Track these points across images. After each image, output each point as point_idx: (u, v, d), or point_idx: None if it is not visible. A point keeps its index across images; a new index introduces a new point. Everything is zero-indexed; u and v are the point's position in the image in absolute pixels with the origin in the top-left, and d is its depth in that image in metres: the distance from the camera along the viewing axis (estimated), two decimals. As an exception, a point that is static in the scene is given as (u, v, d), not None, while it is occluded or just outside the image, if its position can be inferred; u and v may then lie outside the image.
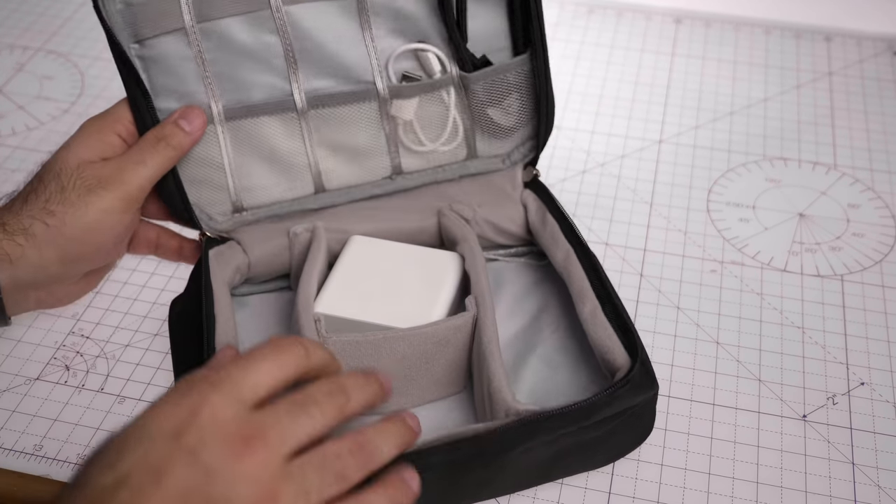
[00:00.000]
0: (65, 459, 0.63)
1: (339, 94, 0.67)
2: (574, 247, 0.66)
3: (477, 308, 0.63)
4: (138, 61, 0.63)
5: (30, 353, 0.70)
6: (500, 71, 0.68)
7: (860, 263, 0.78)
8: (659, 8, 1.07)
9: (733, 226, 0.81)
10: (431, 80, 0.68)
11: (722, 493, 0.62)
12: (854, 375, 0.70)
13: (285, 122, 0.67)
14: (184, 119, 0.63)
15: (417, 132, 0.69)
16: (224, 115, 0.66)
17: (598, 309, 0.62)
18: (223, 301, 0.63)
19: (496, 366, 0.59)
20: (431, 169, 0.71)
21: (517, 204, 0.70)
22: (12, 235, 0.59)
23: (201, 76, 0.65)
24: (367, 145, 0.69)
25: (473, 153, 0.71)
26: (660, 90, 0.96)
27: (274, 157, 0.68)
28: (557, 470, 0.61)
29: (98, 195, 0.60)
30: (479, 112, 0.69)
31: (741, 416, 0.67)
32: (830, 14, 1.06)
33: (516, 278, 0.70)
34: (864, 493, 0.62)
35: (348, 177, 0.70)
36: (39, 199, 0.60)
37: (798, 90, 0.96)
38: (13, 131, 0.90)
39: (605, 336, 0.61)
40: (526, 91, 0.69)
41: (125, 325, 0.72)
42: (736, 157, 0.88)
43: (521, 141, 0.71)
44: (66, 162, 0.61)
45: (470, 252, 0.66)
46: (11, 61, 0.98)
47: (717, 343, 0.72)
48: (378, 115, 0.68)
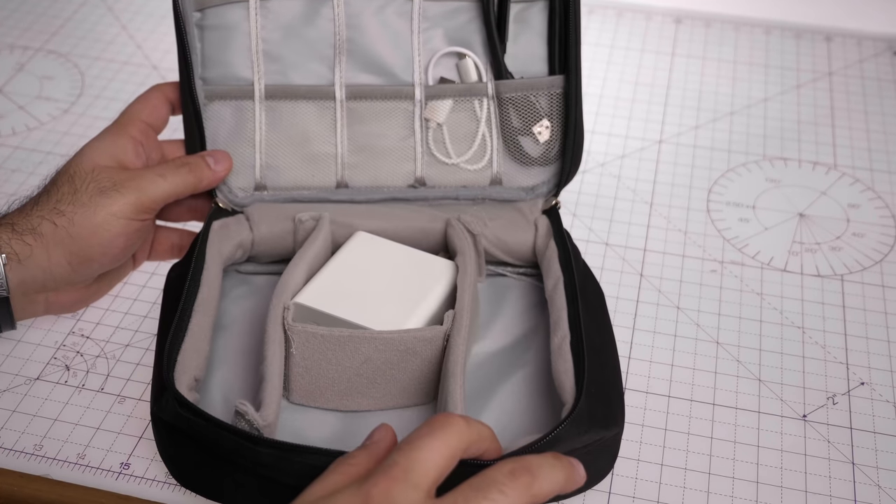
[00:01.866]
0: (65, 459, 0.63)
1: (378, 89, 0.69)
2: (565, 275, 0.64)
3: (451, 324, 0.61)
4: (196, 30, 0.67)
5: (30, 353, 0.70)
6: (533, 87, 0.68)
7: (860, 263, 0.78)
8: (659, 8, 1.07)
9: (733, 226, 0.82)
10: (467, 84, 0.69)
11: (722, 493, 0.62)
12: (854, 375, 0.70)
13: (322, 109, 0.69)
14: (212, 157, 0.66)
15: (446, 141, 0.70)
16: (264, 94, 0.68)
17: (565, 341, 0.60)
18: (212, 270, 0.63)
19: (455, 388, 0.57)
20: (454, 187, 0.70)
21: (530, 225, 0.68)
22: (21, 235, 0.59)
23: (251, 51, 0.68)
24: (396, 146, 0.70)
25: (498, 180, 0.70)
26: (660, 90, 0.96)
27: (305, 141, 0.69)
28: None
29: (109, 197, 0.61)
30: (509, 134, 0.69)
31: (741, 416, 0.67)
32: (830, 14, 1.06)
33: (521, 296, 0.69)
34: (864, 493, 0.62)
35: (372, 176, 0.70)
36: (51, 201, 0.61)
37: (798, 90, 0.96)
38: (13, 131, 0.90)
39: (563, 370, 0.58)
40: (556, 120, 0.69)
41: (125, 325, 0.72)
42: (736, 157, 0.88)
43: (547, 177, 0.70)
44: (81, 165, 0.62)
45: (463, 266, 0.65)
46: (11, 61, 0.98)
47: (717, 343, 0.72)
48: (412, 117, 0.70)
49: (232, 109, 0.68)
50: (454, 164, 0.70)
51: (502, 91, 0.69)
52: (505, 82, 0.69)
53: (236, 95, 0.68)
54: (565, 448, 0.54)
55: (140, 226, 0.63)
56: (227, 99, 0.68)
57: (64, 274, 0.61)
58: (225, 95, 0.68)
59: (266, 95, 0.68)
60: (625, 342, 0.71)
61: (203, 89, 0.68)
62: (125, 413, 0.66)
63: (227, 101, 0.68)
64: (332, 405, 0.62)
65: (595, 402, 0.56)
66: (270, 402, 0.57)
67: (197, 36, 0.67)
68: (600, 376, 0.58)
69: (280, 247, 0.68)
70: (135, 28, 1.03)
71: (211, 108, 0.68)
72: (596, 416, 0.56)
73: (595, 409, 0.56)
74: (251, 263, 0.69)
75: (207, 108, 0.68)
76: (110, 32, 1.02)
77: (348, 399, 0.62)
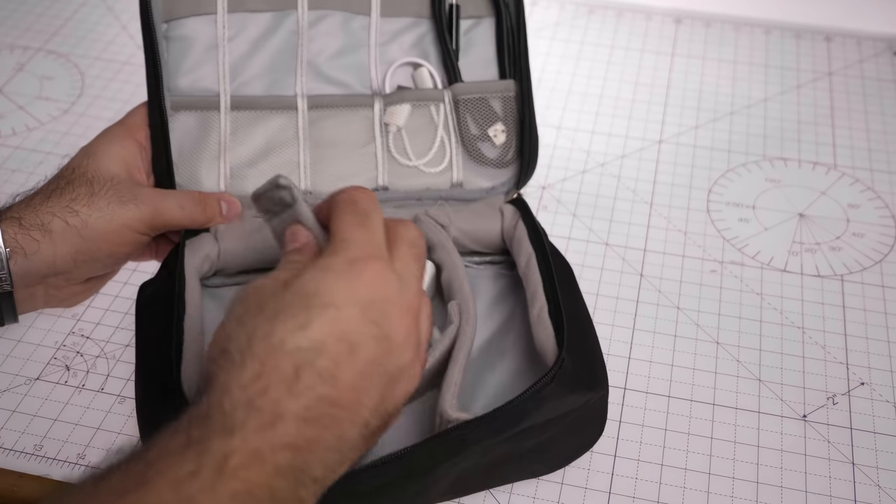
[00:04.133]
0: (65, 459, 0.63)
1: (339, 98, 0.71)
2: (536, 251, 0.65)
3: (459, 315, 0.63)
4: (164, 41, 0.68)
5: (30, 353, 0.70)
6: (487, 90, 0.72)
7: (860, 263, 0.78)
8: (659, 8, 1.07)
9: (733, 226, 0.82)
10: (422, 90, 0.72)
11: (722, 493, 0.62)
12: (854, 375, 0.70)
13: (285, 119, 0.70)
14: (226, 203, 0.67)
15: (406, 145, 0.71)
16: (230, 104, 0.70)
17: (543, 310, 0.62)
18: (193, 287, 0.63)
19: (454, 370, 0.59)
20: (417, 190, 0.71)
21: (496, 212, 0.70)
22: (28, 230, 0.59)
23: (218, 63, 0.70)
24: (358, 151, 0.71)
25: (459, 183, 0.72)
26: (660, 90, 0.96)
27: (269, 151, 0.70)
28: (496, 479, 0.61)
29: (128, 210, 0.62)
30: (467, 137, 0.72)
31: (741, 416, 0.67)
32: (830, 14, 1.06)
33: (489, 285, 0.70)
34: (864, 493, 0.62)
35: (336, 182, 0.71)
36: (63, 199, 0.61)
37: (798, 90, 0.96)
38: (13, 131, 0.90)
39: (545, 336, 0.60)
40: (511, 123, 0.72)
41: (125, 325, 0.72)
42: (736, 157, 0.88)
43: (505, 178, 0.72)
44: (98, 171, 0.63)
45: (448, 258, 0.66)
46: (11, 61, 0.98)
47: (717, 343, 0.72)
48: (372, 123, 0.71)
49: (197, 119, 0.69)
50: (415, 167, 0.72)
51: (458, 93, 0.72)
52: (460, 85, 0.72)
53: (202, 106, 0.70)
54: (555, 410, 0.56)
55: (147, 241, 0.64)
56: (193, 109, 0.69)
57: (67, 268, 0.61)
58: (190, 106, 0.69)
59: (232, 106, 0.70)
60: (625, 342, 0.71)
61: (170, 99, 0.69)
62: (125, 413, 0.66)
63: (192, 112, 0.69)
64: None
65: (578, 364, 0.58)
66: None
67: (164, 47, 0.68)
68: (580, 340, 0.60)
69: (250, 257, 0.68)
70: (135, 28, 1.03)
71: (177, 119, 0.69)
72: (580, 377, 0.58)
73: (578, 371, 0.58)
74: (218, 276, 0.69)
75: (173, 118, 0.69)
76: (110, 32, 1.02)
77: None
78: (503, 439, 0.56)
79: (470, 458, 0.57)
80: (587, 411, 0.60)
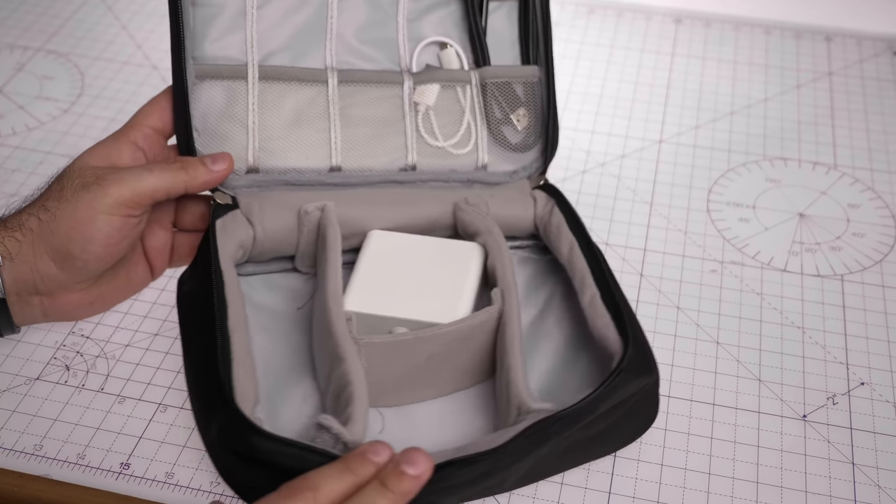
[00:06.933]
0: (65, 459, 0.63)
1: (369, 74, 0.70)
2: (578, 238, 0.66)
3: (503, 301, 0.63)
4: (191, 7, 0.67)
5: (30, 353, 0.70)
6: (513, 74, 0.71)
7: (860, 263, 0.78)
8: (659, 8, 1.07)
9: (733, 226, 0.82)
10: (451, 70, 0.71)
11: (722, 493, 0.62)
12: (854, 375, 0.70)
13: (314, 92, 0.69)
14: (210, 159, 0.65)
15: (434, 125, 0.71)
16: (258, 75, 0.68)
17: (596, 298, 0.62)
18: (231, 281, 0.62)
19: (515, 361, 0.60)
20: (444, 171, 0.71)
21: (527, 198, 0.70)
22: (11, 231, 0.60)
23: (246, 30, 0.68)
24: (387, 129, 0.70)
25: (483, 165, 0.72)
26: (660, 90, 0.96)
27: (297, 124, 0.69)
28: (562, 466, 0.62)
29: (91, 192, 0.60)
30: (492, 120, 0.71)
31: (741, 416, 0.67)
32: (830, 14, 1.06)
33: (520, 270, 0.71)
34: (864, 493, 0.62)
35: (365, 159, 0.70)
36: (41, 199, 0.61)
37: (798, 90, 0.96)
38: (13, 131, 0.90)
39: (603, 325, 0.61)
40: (532, 108, 0.71)
41: (125, 325, 0.72)
42: (736, 157, 0.88)
43: (527, 162, 0.72)
44: (73, 166, 0.62)
45: (495, 244, 0.67)
46: (11, 61, 0.98)
47: (717, 343, 0.72)
48: (401, 101, 0.71)
49: (223, 89, 0.67)
50: (442, 148, 0.71)
51: (485, 76, 0.71)
52: (488, 68, 0.72)
53: (228, 75, 0.67)
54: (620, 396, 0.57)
55: (122, 222, 0.61)
56: (219, 78, 0.67)
57: (51, 273, 0.60)
58: (216, 75, 0.67)
59: (260, 77, 0.68)
60: (625, 342, 0.71)
61: (194, 68, 0.67)
62: (125, 413, 0.66)
63: (218, 81, 0.67)
64: (389, 403, 0.63)
65: (635, 350, 0.59)
66: (359, 419, 0.56)
67: (191, 14, 0.67)
68: (634, 326, 0.61)
69: (284, 242, 0.67)
70: (135, 28, 1.03)
71: (201, 87, 0.67)
72: (641, 363, 0.59)
73: (639, 357, 0.59)
74: (250, 264, 0.68)
75: (197, 86, 0.67)
76: (110, 32, 1.02)
77: (408, 394, 0.63)
78: (579, 428, 0.57)
79: (547, 447, 0.57)
80: (644, 396, 0.60)
